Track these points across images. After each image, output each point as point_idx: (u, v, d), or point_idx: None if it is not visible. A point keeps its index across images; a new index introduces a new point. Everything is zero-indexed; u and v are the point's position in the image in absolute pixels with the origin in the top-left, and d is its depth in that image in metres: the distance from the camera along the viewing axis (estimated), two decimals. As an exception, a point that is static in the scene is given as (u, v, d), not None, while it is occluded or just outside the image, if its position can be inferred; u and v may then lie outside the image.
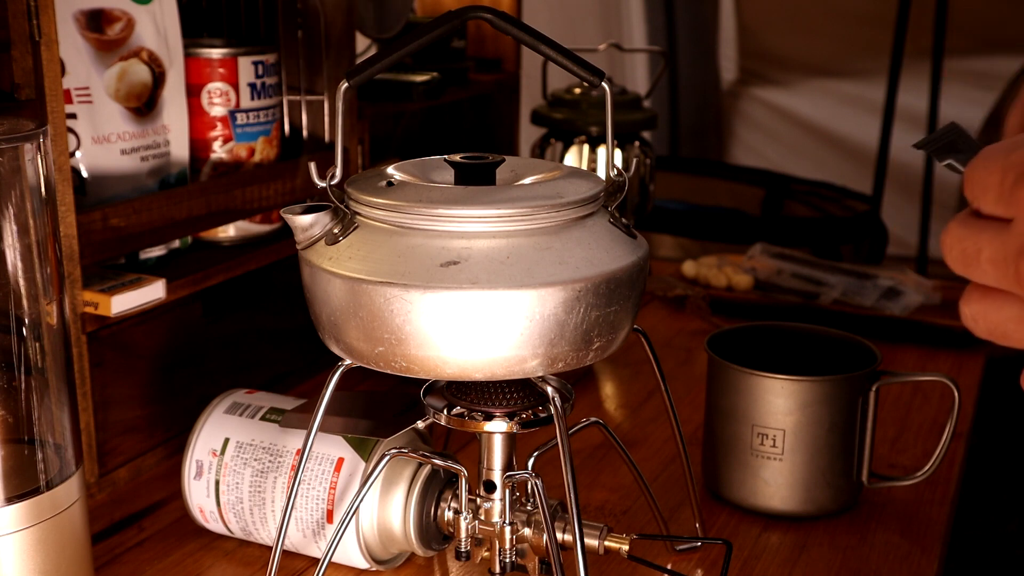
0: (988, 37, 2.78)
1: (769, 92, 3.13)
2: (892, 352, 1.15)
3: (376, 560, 0.73)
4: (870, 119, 2.71)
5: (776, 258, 1.36)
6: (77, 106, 0.84)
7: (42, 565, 0.62)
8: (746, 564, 0.76)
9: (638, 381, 1.09)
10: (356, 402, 0.74)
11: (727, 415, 0.82)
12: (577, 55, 0.60)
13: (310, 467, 0.72)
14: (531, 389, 0.65)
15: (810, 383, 0.79)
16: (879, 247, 2.17)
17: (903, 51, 2.50)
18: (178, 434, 0.91)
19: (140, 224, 0.85)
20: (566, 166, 0.65)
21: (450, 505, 0.70)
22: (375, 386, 0.98)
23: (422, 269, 0.56)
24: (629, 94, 1.16)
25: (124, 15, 0.87)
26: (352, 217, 0.61)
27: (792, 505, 0.81)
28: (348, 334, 0.59)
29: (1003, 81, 2.75)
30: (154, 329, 0.88)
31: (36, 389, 0.63)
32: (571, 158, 1.12)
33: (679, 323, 1.24)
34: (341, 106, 0.61)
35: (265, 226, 1.00)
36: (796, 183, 2.39)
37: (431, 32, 0.60)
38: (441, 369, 0.58)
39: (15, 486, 0.62)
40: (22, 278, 0.61)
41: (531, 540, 0.67)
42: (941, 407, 1.02)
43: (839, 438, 0.80)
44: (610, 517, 0.82)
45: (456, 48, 1.29)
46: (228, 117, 0.96)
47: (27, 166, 0.60)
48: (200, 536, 0.79)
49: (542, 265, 0.57)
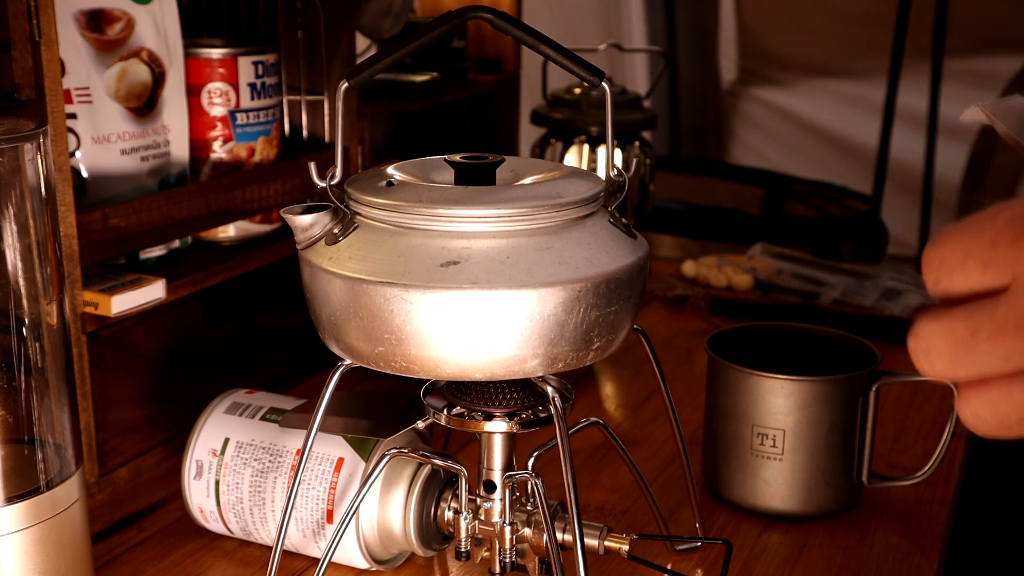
0: (988, 37, 2.78)
1: (769, 92, 3.13)
2: (892, 352, 1.15)
3: (376, 560, 0.73)
4: (870, 119, 2.71)
5: (776, 258, 1.36)
6: (77, 106, 0.84)
7: (42, 565, 0.62)
8: (746, 564, 0.76)
9: (638, 381, 1.09)
10: (356, 402, 0.74)
11: (727, 415, 0.82)
12: (577, 55, 0.60)
13: (310, 467, 0.72)
14: (531, 389, 0.65)
15: (810, 383, 0.79)
16: (879, 247, 2.17)
17: (903, 51, 2.50)
18: (178, 434, 0.91)
19: (140, 224, 0.85)
20: (566, 166, 0.65)
21: (450, 505, 0.70)
22: (375, 386, 0.98)
23: (422, 269, 0.56)
24: (629, 94, 1.16)
25: (124, 15, 0.87)
26: (352, 217, 0.61)
27: (792, 505, 0.81)
28: (348, 334, 0.59)
29: (1003, 81, 2.75)
30: (154, 329, 0.88)
31: (36, 389, 0.63)
32: (571, 158, 1.12)
33: (679, 323, 1.24)
34: (341, 106, 0.61)
35: (265, 226, 1.00)
36: (796, 183, 2.39)
37: (431, 32, 0.60)
38: (441, 369, 0.58)
39: (15, 486, 0.62)
40: (22, 278, 0.61)
41: (531, 540, 0.67)
42: (941, 407, 1.02)
43: (839, 438, 0.80)
44: (610, 517, 0.82)
45: (456, 48, 1.29)
46: (228, 117, 0.96)
47: (27, 166, 0.60)
48: (200, 536, 0.79)
49: (542, 265, 0.57)
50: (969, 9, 2.63)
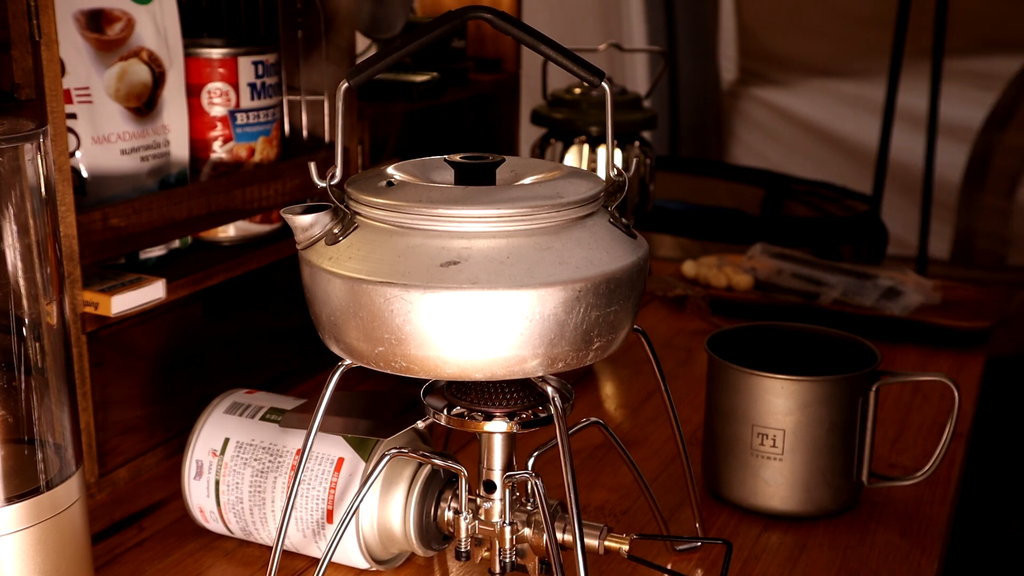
0: (988, 37, 2.78)
1: (769, 92, 3.13)
2: (892, 352, 1.15)
3: (376, 560, 0.73)
4: (870, 119, 2.71)
5: (776, 258, 1.35)
6: (77, 106, 0.84)
7: (42, 565, 0.62)
8: (746, 564, 0.76)
9: (638, 381, 1.09)
10: (356, 402, 0.74)
11: (727, 415, 0.82)
12: (577, 55, 0.60)
13: (310, 467, 0.72)
14: (531, 389, 0.65)
15: (810, 383, 0.79)
16: (879, 247, 2.17)
17: (903, 51, 2.50)
18: (178, 434, 0.91)
19: (140, 224, 0.85)
20: (566, 166, 0.65)
21: (450, 505, 0.70)
22: (375, 386, 0.98)
23: (422, 269, 0.56)
24: (629, 94, 1.16)
25: (124, 15, 0.87)
26: (352, 217, 0.61)
27: (792, 505, 0.81)
28: (348, 334, 0.59)
29: (1003, 81, 2.75)
30: (154, 329, 0.88)
31: (36, 389, 0.63)
32: (571, 158, 1.12)
33: (679, 323, 1.24)
34: (341, 106, 0.61)
35: (265, 226, 1.00)
36: (796, 183, 2.39)
37: (431, 32, 0.60)
38: (441, 369, 0.58)
39: (15, 486, 0.62)
40: (22, 278, 0.61)
41: (531, 540, 0.67)
42: (941, 407, 1.02)
43: (839, 438, 0.80)
44: (610, 517, 0.82)
45: (456, 48, 1.29)
46: (228, 117, 0.96)
47: (27, 166, 0.60)
48: (200, 536, 0.79)
49: (542, 265, 0.57)
50: (969, 9, 2.63)
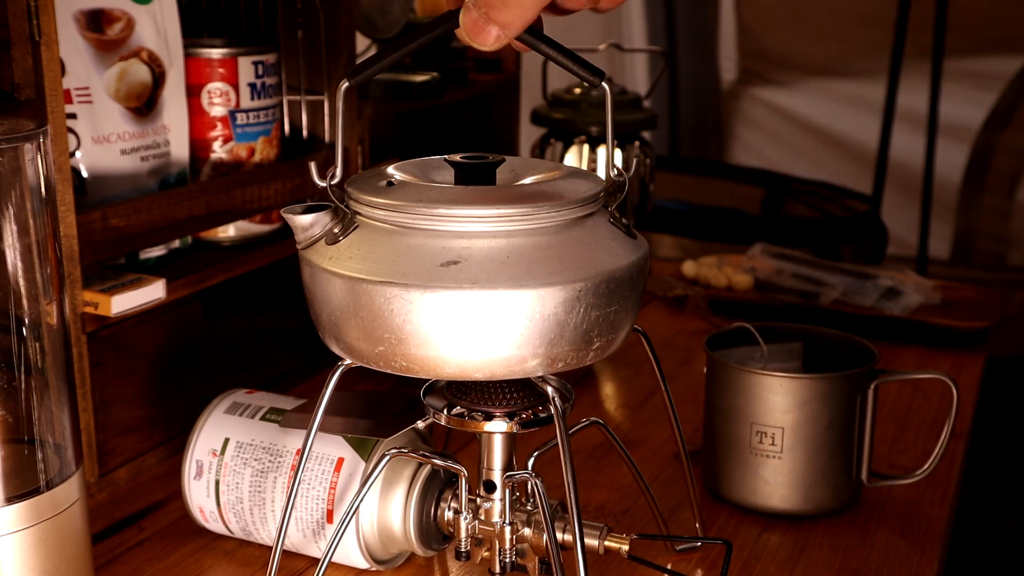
0: (988, 37, 2.78)
1: (769, 92, 3.13)
2: (892, 352, 1.15)
3: (376, 560, 0.73)
4: (870, 119, 2.72)
5: (776, 258, 1.35)
6: (77, 106, 0.84)
7: (42, 565, 0.62)
8: (746, 564, 0.76)
9: (638, 381, 1.09)
10: (356, 402, 0.74)
11: (726, 414, 0.82)
12: (577, 55, 0.60)
13: (310, 467, 0.72)
14: (531, 389, 0.65)
15: (808, 380, 0.79)
16: (879, 247, 2.17)
17: (903, 51, 2.50)
18: (178, 434, 0.91)
19: (140, 224, 0.85)
20: (566, 166, 0.65)
21: (450, 505, 0.70)
22: (375, 386, 0.98)
23: (422, 269, 0.56)
24: (629, 94, 1.16)
25: (124, 15, 0.87)
26: (352, 217, 0.61)
27: (792, 504, 0.81)
28: (348, 334, 0.59)
29: (1003, 81, 2.75)
30: (154, 329, 0.88)
31: (36, 389, 0.63)
32: (571, 158, 1.12)
33: (679, 323, 1.24)
34: (341, 106, 0.61)
35: (265, 226, 1.00)
36: (796, 183, 2.39)
37: (431, 32, 0.60)
38: (441, 369, 0.58)
39: (15, 486, 0.62)
40: (22, 278, 0.61)
41: (531, 540, 0.67)
42: (941, 407, 1.02)
43: (838, 436, 0.80)
44: (610, 517, 0.82)
45: (456, 48, 1.29)
46: (228, 117, 0.96)
47: (27, 166, 0.60)
48: (200, 536, 0.79)
49: (542, 265, 0.57)
50: (969, 9, 2.63)
